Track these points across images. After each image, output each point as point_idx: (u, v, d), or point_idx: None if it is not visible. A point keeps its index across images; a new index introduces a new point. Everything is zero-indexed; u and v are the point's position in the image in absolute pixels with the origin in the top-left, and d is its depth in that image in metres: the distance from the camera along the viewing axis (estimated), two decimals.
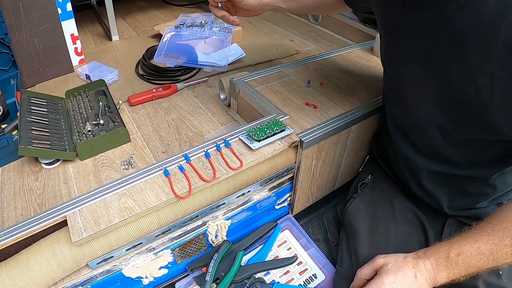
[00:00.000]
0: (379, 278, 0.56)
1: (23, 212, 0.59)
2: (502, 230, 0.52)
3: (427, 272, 0.55)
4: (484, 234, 0.54)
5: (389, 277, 0.55)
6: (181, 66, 1.03)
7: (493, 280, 0.60)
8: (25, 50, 0.92)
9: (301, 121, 0.73)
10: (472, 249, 0.53)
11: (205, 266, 0.67)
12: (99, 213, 0.55)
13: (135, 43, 1.24)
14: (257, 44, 1.22)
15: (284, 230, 0.78)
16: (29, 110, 0.72)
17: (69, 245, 0.53)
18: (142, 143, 0.76)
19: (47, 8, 0.92)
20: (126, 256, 0.60)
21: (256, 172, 0.67)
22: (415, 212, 0.72)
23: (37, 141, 0.65)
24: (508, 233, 0.52)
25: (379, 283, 0.55)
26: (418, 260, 0.56)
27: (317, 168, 0.76)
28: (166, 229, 0.61)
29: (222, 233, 0.71)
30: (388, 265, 0.57)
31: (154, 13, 1.54)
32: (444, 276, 0.54)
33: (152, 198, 0.57)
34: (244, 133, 0.69)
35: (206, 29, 1.13)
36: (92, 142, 0.70)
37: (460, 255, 0.54)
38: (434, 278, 0.55)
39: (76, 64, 1.07)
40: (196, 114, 0.86)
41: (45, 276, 0.52)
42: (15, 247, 0.54)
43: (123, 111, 0.86)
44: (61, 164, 0.69)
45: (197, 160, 0.64)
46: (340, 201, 0.91)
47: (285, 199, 0.80)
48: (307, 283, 0.69)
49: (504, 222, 0.53)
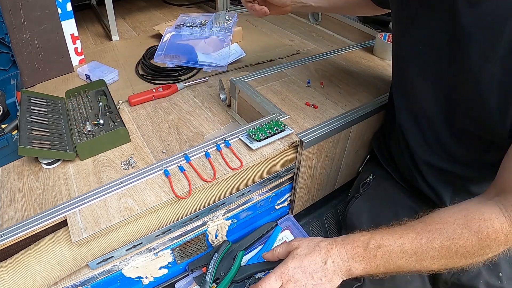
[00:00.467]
0: (284, 262, 0.54)
1: (23, 212, 0.59)
2: (433, 231, 0.48)
3: (341, 260, 0.51)
4: (412, 231, 0.49)
5: (295, 262, 0.52)
6: (181, 66, 1.03)
7: (494, 281, 0.61)
8: (25, 50, 0.92)
9: (301, 121, 0.73)
10: (394, 244, 0.49)
11: (205, 266, 0.67)
12: (99, 213, 0.55)
13: (135, 43, 1.24)
14: (257, 44, 1.22)
15: (284, 230, 0.78)
16: (29, 110, 0.72)
17: (69, 245, 0.53)
18: (142, 143, 0.76)
19: (47, 8, 0.92)
20: (126, 256, 0.60)
21: (256, 172, 0.67)
22: (417, 212, 0.72)
23: (37, 141, 0.65)
24: (439, 235, 0.47)
25: (283, 267, 0.53)
26: (333, 246, 0.52)
27: (317, 168, 0.76)
28: (166, 229, 0.61)
29: (222, 233, 0.71)
30: (299, 248, 0.54)
31: (154, 13, 1.54)
32: (359, 268, 0.50)
33: (152, 198, 0.57)
34: (244, 133, 0.69)
35: (206, 29, 1.13)
36: (92, 142, 0.70)
37: (380, 248, 0.49)
38: (348, 267, 0.51)
39: (76, 64, 1.07)
40: (196, 114, 0.86)
41: (45, 276, 0.52)
42: (15, 247, 0.54)
43: (123, 111, 0.86)
44: (61, 164, 0.69)
45: (197, 160, 0.64)
46: (340, 201, 0.91)
47: (285, 199, 0.80)
48: None
49: (438, 223, 0.48)
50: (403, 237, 0.49)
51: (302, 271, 0.52)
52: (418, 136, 0.66)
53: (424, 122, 0.64)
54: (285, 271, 0.52)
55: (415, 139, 0.66)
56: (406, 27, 0.61)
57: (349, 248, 0.52)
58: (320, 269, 0.51)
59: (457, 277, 0.64)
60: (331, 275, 0.51)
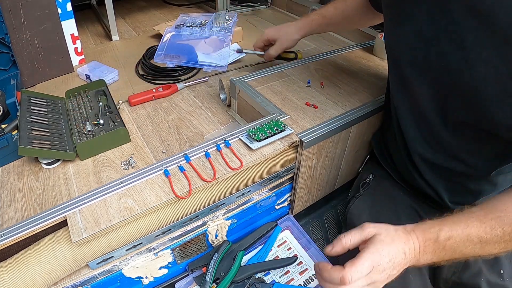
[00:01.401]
0: (374, 247, 0.50)
1: (23, 212, 0.59)
2: (495, 219, 0.50)
3: (414, 252, 0.52)
4: (476, 220, 0.50)
5: (385, 249, 0.50)
6: (181, 66, 1.03)
7: (495, 279, 0.61)
8: (25, 50, 0.92)
9: (301, 121, 0.73)
10: (462, 234, 0.50)
11: (205, 266, 0.67)
12: (99, 213, 0.55)
13: (135, 43, 1.24)
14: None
15: (284, 230, 0.78)
16: (29, 110, 0.72)
17: (69, 245, 0.53)
18: (142, 143, 0.76)
19: (47, 8, 0.92)
20: (126, 256, 0.60)
21: (256, 172, 0.67)
22: (417, 211, 0.72)
23: (37, 141, 0.65)
24: (501, 223, 0.49)
25: (374, 252, 0.50)
26: (408, 237, 0.52)
27: (317, 168, 0.76)
28: (166, 229, 0.61)
29: (222, 233, 0.71)
30: (382, 235, 0.52)
31: (154, 13, 1.54)
32: (428, 259, 0.52)
33: (152, 198, 0.57)
34: (244, 133, 0.69)
35: (206, 29, 1.13)
36: (92, 142, 0.70)
37: (450, 239, 0.50)
38: (418, 259, 0.52)
39: (76, 64, 1.07)
40: (196, 114, 0.86)
41: (45, 276, 0.52)
42: (15, 247, 0.54)
43: (123, 111, 0.86)
44: (61, 164, 0.69)
45: (197, 160, 0.64)
46: (340, 201, 0.91)
47: (285, 199, 0.80)
48: (307, 283, 0.69)
49: (499, 211, 0.50)
50: (469, 226, 0.50)
51: (391, 260, 0.50)
52: (414, 131, 0.65)
53: (419, 116, 0.63)
54: (379, 259, 0.49)
55: (411, 135, 0.66)
56: (396, 20, 0.61)
57: (421, 240, 0.51)
58: (402, 259, 0.50)
59: (458, 276, 0.64)
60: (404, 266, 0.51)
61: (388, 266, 0.50)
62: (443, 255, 0.51)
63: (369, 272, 0.49)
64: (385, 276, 0.50)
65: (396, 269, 0.50)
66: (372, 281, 0.49)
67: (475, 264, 0.63)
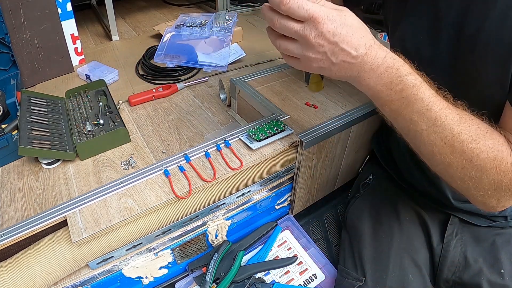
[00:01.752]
0: None
1: (23, 212, 0.59)
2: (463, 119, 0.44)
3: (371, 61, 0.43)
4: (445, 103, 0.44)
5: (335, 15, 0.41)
6: (181, 66, 1.03)
7: (495, 278, 0.61)
8: (25, 50, 0.92)
9: (301, 121, 0.73)
10: (427, 97, 0.43)
11: (205, 266, 0.67)
12: (99, 213, 0.55)
13: (135, 43, 1.24)
14: (257, 44, 1.22)
15: (284, 230, 0.78)
16: (29, 110, 0.72)
17: (69, 245, 0.53)
18: (142, 143, 0.76)
19: (47, 8, 0.92)
20: (126, 256, 0.60)
21: (256, 172, 0.67)
22: (417, 211, 0.72)
23: (37, 141, 0.65)
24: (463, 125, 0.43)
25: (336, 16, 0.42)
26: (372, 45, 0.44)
27: (317, 168, 0.76)
28: (166, 229, 0.61)
29: (222, 233, 0.71)
30: None
31: (154, 13, 1.54)
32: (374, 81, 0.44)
33: (152, 198, 0.57)
34: (244, 133, 0.69)
35: (206, 29, 1.13)
36: (92, 142, 0.70)
37: (414, 87, 0.43)
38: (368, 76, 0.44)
39: (76, 64, 1.07)
40: (196, 114, 0.86)
41: (45, 276, 0.52)
42: (15, 247, 0.54)
43: (123, 111, 0.86)
44: (61, 164, 0.69)
45: (197, 160, 0.64)
46: (340, 201, 0.91)
47: (285, 199, 0.80)
48: (307, 283, 0.69)
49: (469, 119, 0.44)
50: (438, 98, 0.44)
51: (336, 32, 0.41)
52: None
53: None
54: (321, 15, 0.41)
55: None
56: (400, 15, 0.61)
57: (388, 60, 0.44)
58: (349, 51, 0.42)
59: (458, 276, 0.64)
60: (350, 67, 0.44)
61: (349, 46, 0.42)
62: (396, 98, 0.44)
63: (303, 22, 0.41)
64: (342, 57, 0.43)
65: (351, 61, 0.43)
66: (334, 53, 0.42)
67: (475, 264, 0.63)
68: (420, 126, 0.44)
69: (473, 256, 0.64)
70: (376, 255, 0.67)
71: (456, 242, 0.66)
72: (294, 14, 0.41)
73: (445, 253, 0.66)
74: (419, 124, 0.44)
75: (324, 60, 0.43)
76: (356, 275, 0.66)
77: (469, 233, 0.66)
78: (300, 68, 0.47)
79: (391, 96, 0.44)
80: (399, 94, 0.44)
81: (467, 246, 0.65)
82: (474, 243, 0.65)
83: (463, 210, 0.67)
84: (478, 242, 0.65)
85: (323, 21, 0.41)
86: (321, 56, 0.43)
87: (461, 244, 0.66)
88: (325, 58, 0.43)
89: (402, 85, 0.44)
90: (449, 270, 0.65)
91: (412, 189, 0.73)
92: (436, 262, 0.67)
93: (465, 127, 0.43)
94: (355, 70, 0.44)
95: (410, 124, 0.45)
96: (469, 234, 0.66)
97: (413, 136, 0.46)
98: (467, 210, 0.66)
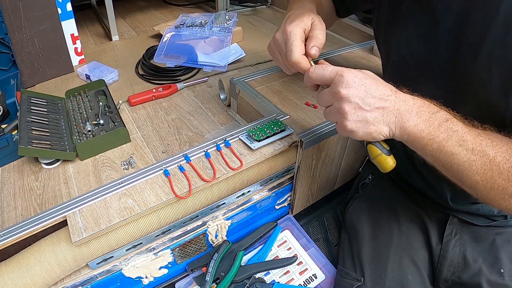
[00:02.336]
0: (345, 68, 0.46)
1: (23, 212, 0.59)
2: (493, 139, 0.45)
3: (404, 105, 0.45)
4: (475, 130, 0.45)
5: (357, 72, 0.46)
6: (181, 66, 1.03)
7: (495, 278, 0.60)
8: (25, 50, 0.92)
9: (301, 121, 0.73)
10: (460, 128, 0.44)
11: (205, 266, 0.67)
12: (99, 213, 0.55)
13: (135, 43, 1.24)
14: (257, 44, 1.22)
15: (284, 230, 0.78)
16: (29, 110, 0.72)
17: (69, 245, 0.53)
18: (142, 143, 0.76)
19: (47, 8, 0.92)
20: (126, 256, 0.60)
21: (256, 172, 0.67)
22: (416, 211, 0.72)
23: (37, 141, 0.65)
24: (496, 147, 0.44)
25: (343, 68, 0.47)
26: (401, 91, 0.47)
27: (317, 168, 0.76)
28: (166, 229, 0.61)
29: (222, 233, 0.71)
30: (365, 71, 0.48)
31: (154, 13, 1.54)
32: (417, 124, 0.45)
33: (152, 198, 0.57)
34: (244, 133, 0.69)
35: (206, 29, 1.13)
36: (92, 142, 0.70)
37: (447, 121, 0.45)
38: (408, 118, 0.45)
39: (76, 64, 1.07)
40: (196, 114, 0.86)
41: (45, 276, 0.52)
42: (15, 247, 0.54)
43: (123, 111, 0.86)
44: (61, 164, 0.69)
45: (197, 160, 0.64)
46: (340, 201, 0.91)
47: (285, 199, 0.80)
48: (307, 283, 0.69)
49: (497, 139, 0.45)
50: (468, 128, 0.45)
51: (361, 83, 0.45)
52: None
53: None
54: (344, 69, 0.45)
55: None
56: (394, 19, 0.60)
57: (418, 101, 0.46)
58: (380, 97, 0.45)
59: (458, 276, 0.64)
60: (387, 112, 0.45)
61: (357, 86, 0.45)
62: (434, 136, 0.45)
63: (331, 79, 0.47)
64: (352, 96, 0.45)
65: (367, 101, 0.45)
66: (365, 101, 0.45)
67: (474, 263, 0.63)
68: (461, 159, 0.45)
69: (473, 256, 0.64)
70: (375, 255, 0.67)
71: (455, 242, 0.66)
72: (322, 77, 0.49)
73: (444, 253, 0.66)
74: (460, 156, 0.45)
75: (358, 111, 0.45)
76: (355, 275, 0.66)
77: (468, 233, 0.66)
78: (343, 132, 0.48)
79: (431, 134, 0.45)
80: (438, 130, 0.45)
81: (467, 246, 0.65)
82: (474, 243, 0.65)
83: (462, 211, 0.67)
84: (477, 241, 0.65)
85: (347, 73, 0.45)
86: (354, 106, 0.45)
87: (460, 244, 0.66)
88: (358, 107, 0.45)
89: (438, 121, 0.45)
90: (448, 270, 0.65)
91: (411, 189, 0.73)
92: (435, 262, 0.67)
93: (498, 149, 0.44)
94: (391, 115, 0.46)
95: (452, 158, 0.45)
96: (469, 234, 0.66)
97: (456, 170, 0.46)
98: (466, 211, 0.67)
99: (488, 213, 0.64)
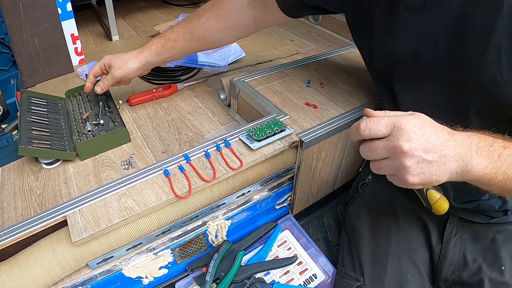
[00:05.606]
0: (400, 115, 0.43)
1: (23, 212, 0.59)
2: None
3: (464, 149, 0.43)
4: None
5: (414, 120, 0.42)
6: (181, 66, 1.03)
7: (496, 276, 0.60)
8: (25, 50, 0.92)
9: (301, 121, 0.73)
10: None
11: (205, 266, 0.67)
12: (99, 213, 0.55)
13: (135, 43, 1.24)
14: (257, 44, 1.22)
15: (284, 230, 0.78)
16: (29, 110, 0.72)
17: (69, 245, 0.53)
18: (142, 143, 0.76)
19: (47, 8, 0.92)
20: (126, 256, 0.60)
21: (256, 172, 0.67)
22: (416, 211, 0.72)
23: (37, 141, 0.65)
24: None
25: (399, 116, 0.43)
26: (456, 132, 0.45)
27: (317, 168, 0.76)
28: (166, 229, 0.61)
29: (222, 233, 0.71)
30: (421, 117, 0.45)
31: (154, 13, 1.54)
32: (481, 164, 0.43)
33: (152, 198, 0.57)
34: (244, 133, 0.69)
35: None
36: (92, 142, 0.70)
37: (506, 148, 0.44)
38: (469, 160, 0.43)
39: (76, 64, 1.07)
40: (196, 114, 0.86)
41: (45, 276, 0.52)
42: (15, 247, 0.54)
43: (123, 111, 0.86)
44: (61, 164, 0.69)
45: (197, 160, 0.64)
46: (340, 201, 0.91)
47: (285, 199, 0.80)
48: (307, 283, 0.69)
49: None
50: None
51: (421, 133, 0.42)
52: None
53: None
54: (402, 120, 0.42)
55: None
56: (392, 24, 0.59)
57: (474, 139, 0.44)
58: (440, 145, 0.42)
59: (458, 275, 0.64)
60: (449, 158, 0.43)
61: (418, 136, 0.42)
62: (498, 167, 0.43)
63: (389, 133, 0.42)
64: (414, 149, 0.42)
65: (429, 150, 0.42)
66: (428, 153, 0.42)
67: (475, 262, 0.63)
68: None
69: (473, 255, 0.64)
70: (375, 255, 0.67)
71: (456, 241, 0.66)
72: (377, 133, 0.43)
73: (445, 252, 0.66)
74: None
75: (421, 164, 0.42)
76: (354, 275, 0.66)
77: (468, 231, 0.66)
78: (402, 184, 0.45)
79: (495, 168, 0.44)
80: (499, 161, 0.44)
81: (467, 244, 0.65)
82: (474, 241, 0.65)
83: (462, 209, 0.67)
84: (478, 240, 0.65)
85: (406, 124, 0.42)
86: (417, 160, 0.42)
87: (460, 243, 0.66)
88: (421, 160, 0.42)
89: (497, 152, 0.44)
90: (448, 269, 0.65)
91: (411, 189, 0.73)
92: (435, 261, 0.67)
93: None
94: (453, 161, 0.43)
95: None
96: (469, 232, 0.66)
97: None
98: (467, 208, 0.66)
99: (489, 209, 0.63)
